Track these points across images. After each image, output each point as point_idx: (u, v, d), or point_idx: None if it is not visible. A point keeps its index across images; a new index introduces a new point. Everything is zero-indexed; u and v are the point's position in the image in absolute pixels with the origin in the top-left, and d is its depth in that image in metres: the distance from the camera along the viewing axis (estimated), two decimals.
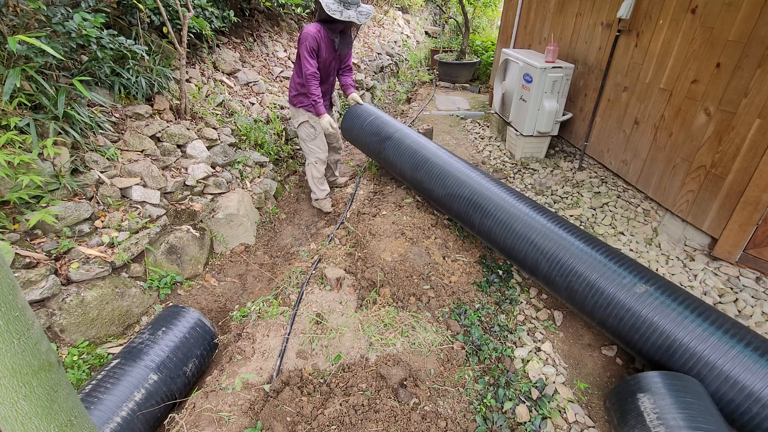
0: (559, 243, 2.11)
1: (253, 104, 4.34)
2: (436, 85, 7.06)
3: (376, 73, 6.69)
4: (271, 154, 4.10)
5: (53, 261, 2.24)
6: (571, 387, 2.07)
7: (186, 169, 3.14)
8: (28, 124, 2.32)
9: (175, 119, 3.33)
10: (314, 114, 3.18)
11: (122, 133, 2.88)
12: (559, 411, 1.92)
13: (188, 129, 3.33)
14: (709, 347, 1.69)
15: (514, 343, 2.24)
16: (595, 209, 3.36)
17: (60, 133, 2.47)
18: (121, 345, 2.34)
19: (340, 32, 3.01)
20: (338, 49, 3.07)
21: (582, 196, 3.53)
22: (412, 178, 2.84)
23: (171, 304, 2.56)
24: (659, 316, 1.79)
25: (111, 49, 2.78)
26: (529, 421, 1.83)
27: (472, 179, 2.55)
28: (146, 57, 3.13)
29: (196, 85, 3.76)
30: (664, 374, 1.71)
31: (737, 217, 2.47)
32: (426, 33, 9.74)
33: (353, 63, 3.55)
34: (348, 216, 3.20)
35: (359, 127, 3.13)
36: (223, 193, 3.29)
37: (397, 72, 7.68)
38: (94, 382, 1.79)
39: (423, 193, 2.88)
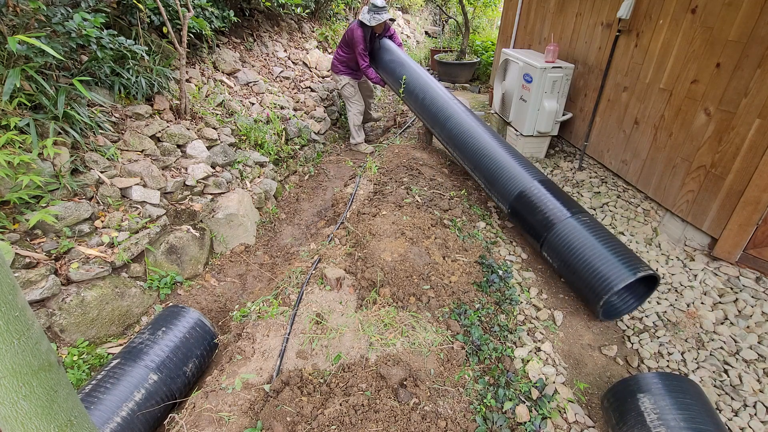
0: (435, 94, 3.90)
1: (253, 104, 4.34)
2: None
3: None
4: (271, 154, 4.10)
5: (53, 261, 2.24)
6: (571, 387, 2.07)
7: (186, 169, 3.14)
8: (28, 124, 2.31)
9: (175, 119, 3.32)
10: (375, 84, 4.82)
11: (122, 133, 2.88)
12: (559, 411, 1.92)
13: (188, 129, 3.33)
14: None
15: (514, 343, 2.24)
16: (595, 209, 3.36)
17: (60, 133, 2.47)
18: (121, 345, 2.34)
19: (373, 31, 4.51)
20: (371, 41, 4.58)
21: (582, 196, 3.53)
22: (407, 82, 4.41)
23: (171, 304, 2.56)
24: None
25: (111, 49, 2.78)
26: (529, 421, 1.83)
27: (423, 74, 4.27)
28: (146, 57, 3.13)
29: (196, 85, 3.76)
30: (663, 375, 1.71)
31: (737, 217, 2.47)
32: (426, 33, 9.74)
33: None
34: (348, 216, 3.20)
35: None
36: (223, 193, 3.29)
37: None
38: (94, 382, 1.79)
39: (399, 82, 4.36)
